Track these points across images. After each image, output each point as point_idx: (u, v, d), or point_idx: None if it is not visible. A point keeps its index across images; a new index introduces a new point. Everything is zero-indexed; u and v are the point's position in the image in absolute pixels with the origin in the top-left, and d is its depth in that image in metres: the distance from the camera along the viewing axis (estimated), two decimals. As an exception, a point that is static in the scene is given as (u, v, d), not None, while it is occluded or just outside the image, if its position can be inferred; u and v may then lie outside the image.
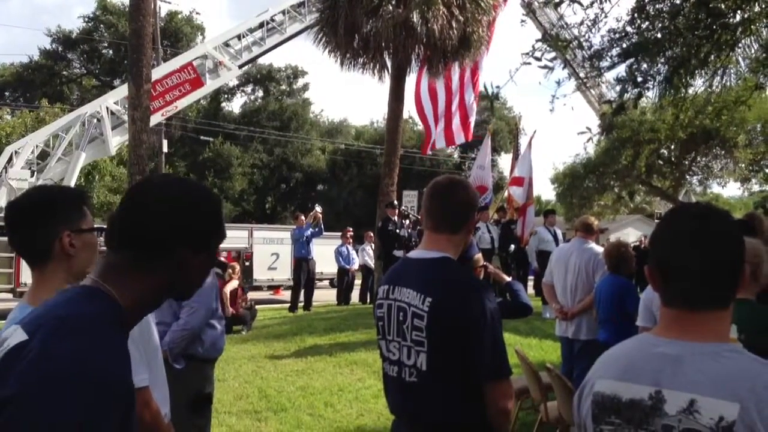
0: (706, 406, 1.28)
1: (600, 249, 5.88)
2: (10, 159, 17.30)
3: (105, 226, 1.48)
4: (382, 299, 2.38)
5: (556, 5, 5.87)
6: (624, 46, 6.04)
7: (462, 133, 16.29)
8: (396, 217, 11.85)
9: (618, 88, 6.27)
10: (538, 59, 5.45)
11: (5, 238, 1.99)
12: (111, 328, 1.24)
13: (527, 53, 5.49)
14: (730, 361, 1.32)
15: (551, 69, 5.49)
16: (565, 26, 6.55)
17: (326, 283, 18.41)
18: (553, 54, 5.64)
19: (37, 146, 17.83)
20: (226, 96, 44.05)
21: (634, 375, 1.40)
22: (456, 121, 16.01)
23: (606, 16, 5.91)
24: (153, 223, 1.31)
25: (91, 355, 1.15)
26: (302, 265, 13.72)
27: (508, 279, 4.35)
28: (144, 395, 2.43)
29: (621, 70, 6.23)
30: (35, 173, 17.17)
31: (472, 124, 16.99)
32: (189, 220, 1.34)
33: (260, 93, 44.96)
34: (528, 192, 13.88)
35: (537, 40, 5.65)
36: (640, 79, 5.96)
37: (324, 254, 15.36)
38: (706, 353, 1.33)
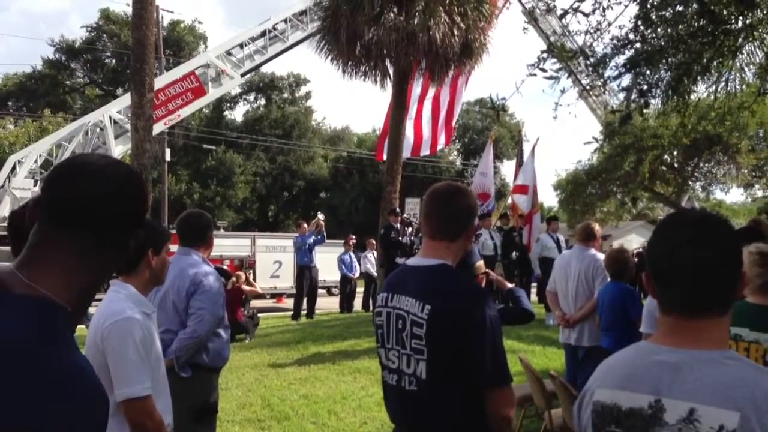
0: (706, 414, 1.26)
1: (600, 255, 5.88)
2: (14, 168, 17.41)
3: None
4: (381, 307, 2.35)
5: (561, 16, 5.90)
6: (627, 53, 6.06)
7: (427, 150, 16.39)
8: (398, 225, 11.85)
9: (622, 96, 6.29)
10: (544, 70, 5.47)
11: (6, 248, 1.98)
12: (57, 348, 1.00)
13: (533, 64, 5.51)
14: (730, 369, 1.30)
15: (557, 79, 5.50)
16: (567, 34, 6.57)
17: (323, 291, 18.03)
18: (557, 64, 5.65)
19: (40, 156, 17.91)
20: (228, 104, 44.11)
21: (634, 384, 1.38)
22: (426, 135, 16.03)
23: (609, 25, 5.94)
24: (113, 203, 1.16)
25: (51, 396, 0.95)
26: (305, 272, 13.73)
27: (510, 286, 4.35)
28: (147, 404, 2.43)
29: (625, 78, 6.25)
30: (38, 183, 17.22)
31: (439, 147, 17.04)
32: (135, 202, 1.22)
33: (262, 101, 44.96)
34: (533, 200, 13.90)
35: (542, 51, 5.67)
36: (644, 87, 5.97)
37: (326, 262, 15.37)
38: (705, 361, 1.32)
